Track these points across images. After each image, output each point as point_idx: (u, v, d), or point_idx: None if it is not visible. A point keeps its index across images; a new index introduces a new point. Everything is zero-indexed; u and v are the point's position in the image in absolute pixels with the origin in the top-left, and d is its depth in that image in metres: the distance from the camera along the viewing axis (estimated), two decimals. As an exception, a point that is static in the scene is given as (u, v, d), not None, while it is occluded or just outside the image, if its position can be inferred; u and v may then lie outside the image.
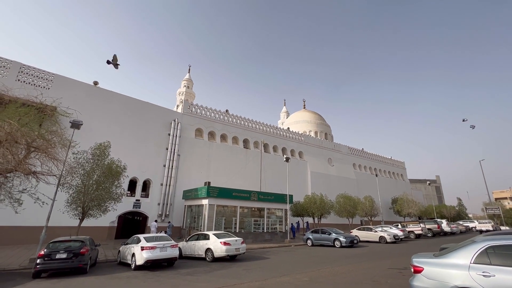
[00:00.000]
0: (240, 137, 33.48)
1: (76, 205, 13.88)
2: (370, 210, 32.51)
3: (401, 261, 11.91)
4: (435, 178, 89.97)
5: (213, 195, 20.83)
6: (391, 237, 21.80)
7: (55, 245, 10.14)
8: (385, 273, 9.29)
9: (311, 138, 43.25)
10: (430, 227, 28.51)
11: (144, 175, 24.80)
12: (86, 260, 10.15)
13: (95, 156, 14.86)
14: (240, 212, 22.13)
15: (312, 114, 53.10)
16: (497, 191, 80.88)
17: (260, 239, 22.34)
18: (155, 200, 24.92)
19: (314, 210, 27.73)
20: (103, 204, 14.58)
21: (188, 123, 29.29)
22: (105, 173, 14.63)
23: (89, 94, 23.56)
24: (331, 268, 10.50)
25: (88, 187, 14.02)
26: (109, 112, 24.15)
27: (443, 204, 58.53)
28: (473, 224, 39.80)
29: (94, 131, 21.31)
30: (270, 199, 24.24)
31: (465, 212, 70.32)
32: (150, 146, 25.81)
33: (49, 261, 9.61)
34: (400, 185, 54.31)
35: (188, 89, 61.28)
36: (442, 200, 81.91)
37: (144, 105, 26.84)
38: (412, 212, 40.71)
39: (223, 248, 12.71)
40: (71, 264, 9.83)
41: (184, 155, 27.60)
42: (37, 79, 21.62)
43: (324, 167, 41.83)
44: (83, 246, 10.33)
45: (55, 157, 11.51)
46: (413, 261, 5.06)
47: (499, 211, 45.91)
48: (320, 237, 20.65)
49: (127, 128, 24.75)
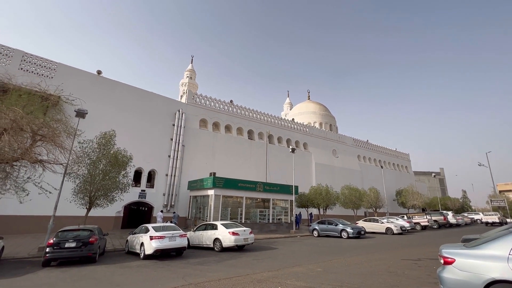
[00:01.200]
0: (244, 128, 33.14)
1: (83, 194, 13.76)
2: (375, 202, 32.36)
3: (413, 252, 11.73)
4: (439, 170, 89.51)
5: (219, 185, 20.68)
6: (397, 229, 21.64)
7: (64, 234, 10.04)
8: (400, 264, 9.09)
9: (316, 129, 42.80)
10: (436, 219, 28.33)
11: (149, 166, 24.68)
12: (95, 249, 10.06)
13: (101, 145, 14.64)
14: (245, 203, 22.05)
15: (317, 105, 52.44)
16: (501, 183, 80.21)
17: (266, 230, 22.33)
18: (160, 191, 24.88)
19: (320, 201, 27.60)
20: (110, 194, 14.46)
21: (193, 113, 28.94)
22: (111, 163, 14.44)
23: (93, 83, 23.21)
24: (343, 259, 10.33)
25: (94, 176, 13.86)
26: (113, 102, 23.84)
27: (447, 196, 58.28)
28: (478, 216, 39.58)
29: (98, 120, 21.05)
30: (276, 190, 24.11)
31: (469, 204, 70.15)
32: (155, 137, 25.59)
33: (59, 249, 9.52)
34: (405, 177, 54.05)
35: (191, 80, 60.64)
36: (446, 193, 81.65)
37: (148, 95, 26.48)
38: (417, 204, 40.54)
39: (231, 238, 12.59)
40: (80, 253, 9.74)
41: (188, 145, 27.39)
42: (40, 68, 21.27)
43: (329, 158, 41.55)
44: (92, 235, 10.22)
45: (61, 145, 11.28)
46: (443, 252, 4.79)
47: (505, 203, 45.69)
48: (327, 228, 20.55)
49: (131, 118, 24.47)
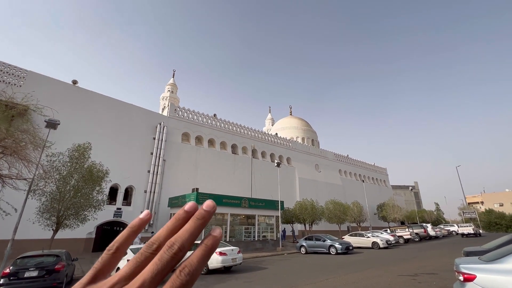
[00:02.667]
0: (228, 142, 32.51)
1: (49, 214, 12.23)
2: (359, 216, 32.50)
3: (407, 267, 11.47)
4: (414, 184, 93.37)
5: (203, 202, 19.57)
6: (383, 243, 21.58)
7: (24, 261, 8.59)
8: (399, 281, 8.72)
9: (299, 144, 43.14)
10: (417, 232, 28.83)
11: (127, 182, 23.03)
12: (61, 278, 8.68)
13: (73, 159, 13.31)
14: (229, 220, 21.04)
15: (299, 120, 53.30)
16: (470, 196, 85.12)
17: (251, 248, 21.29)
18: (138, 209, 23.15)
19: (306, 216, 27.14)
20: (82, 212, 13.02)
21: (175, 127, 27.93)
22: (85, 178, 13.12)
23: (67, 94, 21.72)
24: (339, 277, 9.79)
25: (64, 193, 12.44)
26: (89, 114, 22.35)
27: (423, 209, 60.40)
28: (454, 228, 41.05)
29: (71, 133, 19.48)
30: (261, 206, 23.36)
31: (442, 216, 73.20)
32: (134, 151, 24.15)
33: (16, 280, 8.07)
34: (384, 191, 55.49)
35: (172, 94, 59.49)
36: (421, 205, 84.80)
37: (128, 107, 25.24)
38: (397, 217, 41.39)
39: (219, 259, 11.63)
40: (43, 283, 8.33)
41: (170, 160, 26.13)
42: (7, 75, 19.60)
43: (312, 173, 41.71)
44: (59, 262, 8.86)
45: (26, 158, 10.00)
46: (461, 268, 4.46)
47: (475, 214, 48.06)
48: (314, 244, 19.99)
49: (108, 131, 23.00)
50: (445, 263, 12.33)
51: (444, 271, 9.98)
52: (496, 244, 6.91)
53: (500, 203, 75.13)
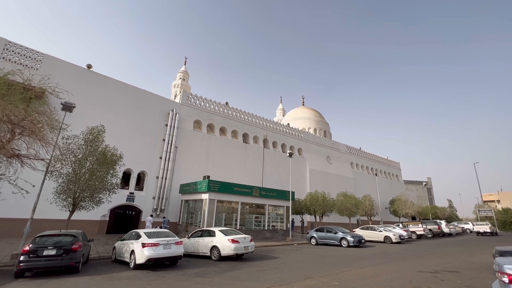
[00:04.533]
0: (239, 131, 32.24)
1: (66, 195, 12.40)
2: (370, 210, 31.98)
3: (425, 264, 11.08)
4: (427, 180, 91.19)
5: (214, 189, 19.60)
6: (396, 237, 21.15)
7: (43, 240, 8.73)
8: (418, 277, 8.37)
9: (311, 135, 42.43)
10: (431, 228, 28.15)
11: (139, 167, 23.27)
12: (78, 258, 8.79)
13: (88, 142, 13.36)
14: (240, 208, 21.02)
15: (311, 111, 52.31)
16: (486, 194, 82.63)
17: (261, 237, 21.30)
18: (150, 194, 23.46)
19: (317, 208, 26.88)
20: (97, 195, 13.16)
21: (187, 114, 27.82)
22: (99, 161, 13.18)
23: (82, 78, 21.80)
24: (355, 270, 9.52)
25: (80, 175, 12.55)
26: (102, 98, 22.45)
27: (436, 206, 59.03)
28: (468, 226, 39.99)
29: (86, 117, 19.66)
30: (272, 196, 23.20)
31: (455, 213, 71.46)
32: (146, 137, 24.27)
33: (35, 258, 8.22)
34: (396, 186, 54.39)
35: (184, 82, 59.44)
36: (433, 202, 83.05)
37: (141, 93, 25.21)
38: (409, 212, 40.59)
39: (231, 246, 11.57)
40: (61, 262, 8.45)
41: (181, 147, 26.18)
42: (25, 58, 19.76)
43: (323, 165, 41.13)
44: (76, 242, 8.96)
45: (44, 139, 10.02)
46: (506, 269, 4.08)
47: (492, 213, 46.51)
48: (325, 235, 19.78)
49: (122, 116, 23.12)
50: (466, 261, 11.86)
51: (466, 270, 9.54)
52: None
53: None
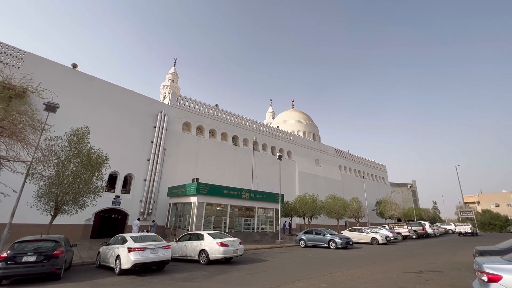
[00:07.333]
0: (229, 133, 32.15)
1: (47, 198, 11.94)
2: (358, 212, 32.53)
3: (410, 264, 11.36)
4: (412, 182, 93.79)
5: (203, 192, 19.39)
6: (383, 239, 21.61)
7: (22, 246, 8.33)
8: (404, 277, 8.57)
9: (300, 138, 42.84)
10: (416, 229, 28.92)
11: (126, 169, 22.74)
12: (60, 264, 8.45)
13: (72, 143, 12.94)
14: (229, 211, 20.89)
15: (301, 114, 52.87)
16: (466, 195, 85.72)
17: (250, 240, 21.22)
18: (137, 197, 22.95)
19: (306, 210, 27.08)
20: (80, 198, 12.74)
21: (176, 115, 27.48)
22: (84, 163, 12.78)
23: (67, 77, 21.15)
24: (343, 272, 9.64)
25: (63, 178, 12.12)
26: (88, 99, 21.84)
27: (420, 207, 60.78)
28: (450, 227, 41.37)
29: (70, 118, 19.04)
30: (262, 198, 23.21)
31: (439, 215, 73.74)
32: (134, 139, 23.77)
33: (14, 265, 7.83)
34: (382, 188, 55.63)
35: (173, 83, 58.89)
36: (418, 204, 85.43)
37: (128, 94, 24.72)
38: (394, 214, 41.58)
39: (220, 250, 11.45)
40: (41, 268, 8.09)
41: (170, 149, 25.80)
42: (5, 56, 18.99)
43: (312, 167, 41.57)
44: (57, 247, 8.62)
45: (24, 139, 9.64)
46: (485, 268, 4.24)
47: (472, 214, 48.39)
48: (314, 238, 19.94)
49: (108, 118, 22.56)
50: (448, 261, 12.26)
51: (449, 269, 9.86)
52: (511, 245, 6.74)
53: (496, 203, 75.76)
